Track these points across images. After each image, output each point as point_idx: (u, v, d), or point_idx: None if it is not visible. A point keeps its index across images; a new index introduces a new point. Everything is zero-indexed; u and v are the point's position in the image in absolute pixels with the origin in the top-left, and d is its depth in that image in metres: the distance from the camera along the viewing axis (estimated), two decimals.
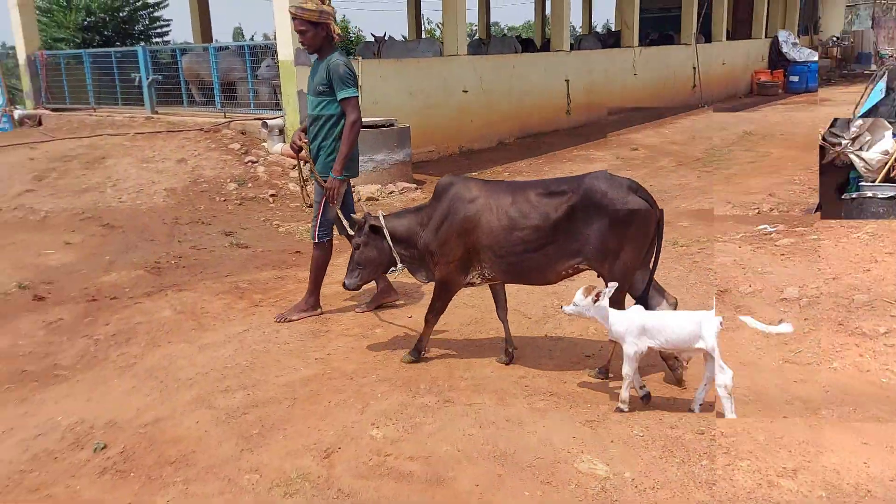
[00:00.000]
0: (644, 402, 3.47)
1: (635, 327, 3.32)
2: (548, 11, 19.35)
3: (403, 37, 20.31)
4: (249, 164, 9.32)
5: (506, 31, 40.54)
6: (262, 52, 11.11)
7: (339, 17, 5.89)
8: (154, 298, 5.42)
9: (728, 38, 20.87)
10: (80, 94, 12.77)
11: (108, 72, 12.16)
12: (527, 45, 16.28)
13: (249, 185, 8.81)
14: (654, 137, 13.20)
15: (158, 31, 17.21)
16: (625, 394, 3.40)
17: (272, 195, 8.58)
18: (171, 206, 8.11)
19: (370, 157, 8.90)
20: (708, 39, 19.82)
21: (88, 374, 4.21)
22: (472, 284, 4.01)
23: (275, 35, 9.82)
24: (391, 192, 8.85)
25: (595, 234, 3.59)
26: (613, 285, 3.37)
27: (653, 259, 3.76)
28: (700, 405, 3.37)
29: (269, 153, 9.62)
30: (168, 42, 17.45)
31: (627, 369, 3.35)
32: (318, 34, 4.50)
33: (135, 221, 7.63)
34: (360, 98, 4.64)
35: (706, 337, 3.19)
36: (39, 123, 12.76)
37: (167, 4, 17.18)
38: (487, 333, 4.56)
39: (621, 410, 3.40)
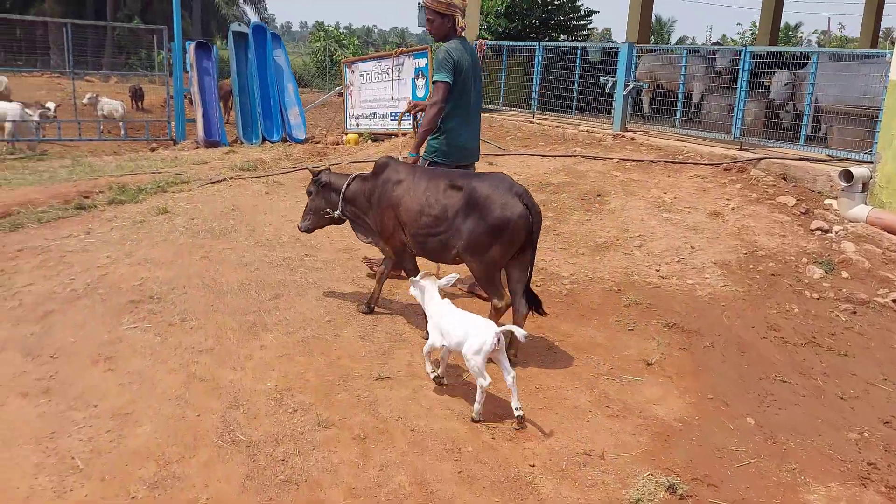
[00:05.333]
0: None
1: (436, 327, 3.66)
2: None
3: None
4: (820, 233, 6.17)
5: None
6: (767, 59, 7.87)
7: None
8: None
9: None
10: (515, 94, 10.73)
11: (556, 71, 9.88)
12: None
13: (843, 273, 5.64)
14: None
15: (580, 22, 14.93)
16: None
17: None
18: (739, 296, 5.26)
19: None
20: None
21: None
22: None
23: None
24: None
25: (468, 229, 3.93)
26: (453, 276, 3.83)
27: (530, 263, 4.06)
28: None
29: (845, 219, 6.37)
30: (585, 37, 15.10)
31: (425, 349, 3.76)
32: (445, 24, 4.65)
33: (706, 320, 4.91)
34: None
35: (466, 347, 3.44)
36: None
37: None
38: None
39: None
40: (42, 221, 6.45)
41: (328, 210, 4.73)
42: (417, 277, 3.87)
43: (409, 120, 5.19)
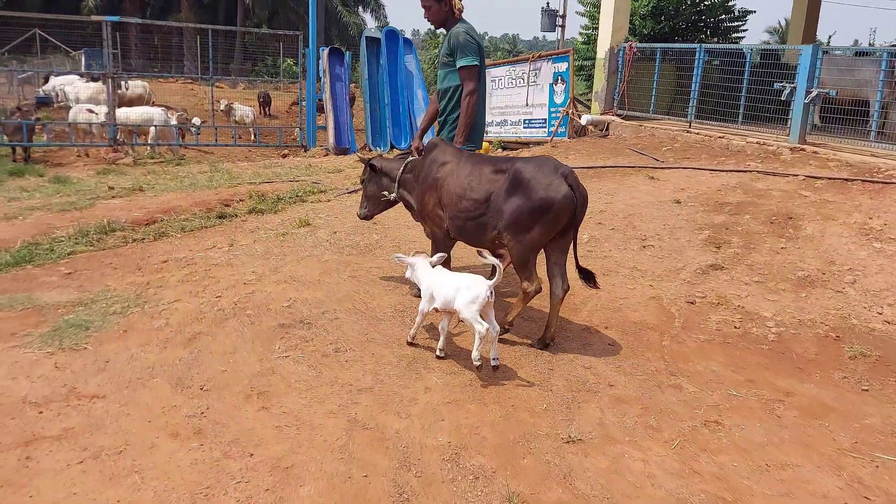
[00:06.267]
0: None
1: (427, 291, 3.81)
2: None
3: None
4: None
5: None
6: None
7: None
8: None
9: None
10: (665, 100, 9.84)
11: (719, 75, 8.92)
12: None
13: None
14: None
15: (733, 24, 13.73)
16: (412, 332, 4.03)
17: None
18: None
19: None
20: None
21: None
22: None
23: None
24: None
25: (510, 209, 3.82)
26: (441, 255, 4.03)
27: (574, 245, 3.98)
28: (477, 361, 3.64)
29: None
30: (739, 39, 13.86)
31: (418, 319, 3.95)
32: (441, 9, 4.57)
33: None
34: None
35: (459, 300, 3.60)
36: (605, 133, 10.23)
37: None
38: None
39: (411, 343, 4.05)
40: (185, 230, 6.27)
41: (384, 193, 4.72)
42: (410, 256, 4.02)
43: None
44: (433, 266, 3.94)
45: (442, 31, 5.07)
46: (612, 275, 5.22)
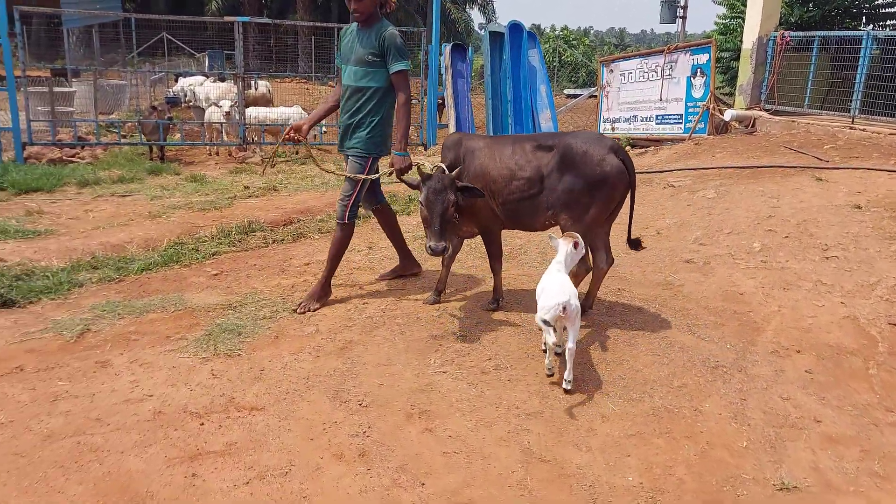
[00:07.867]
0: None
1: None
2: None
3: None
4: None
5: None
6: None
7: None
8: None
9: None
10: (820, 94, 8.95)
11: (891, 66, 7.99)
12: None
13: None
14: None
15: (890, 10, 12.44)
16: (549, 341, 3.45)
17: None
18: None
19: None
20: None
21: None
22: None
23: None
24: None
25: (565, 187, 3.77)
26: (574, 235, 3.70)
27: (629, 221, 4.05)
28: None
29: None
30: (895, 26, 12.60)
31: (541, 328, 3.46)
32: (374, 1, 4.29)
33: None
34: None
35: (540, 311, 3.34)
36: (751, 129, 9.44)
37: None
38: None
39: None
40: (322, 232, 6.17)
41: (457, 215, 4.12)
42: (559, 238, 3.70)
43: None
44: (573, 240, 3.64)
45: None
46: (793, 289, 4.64)
